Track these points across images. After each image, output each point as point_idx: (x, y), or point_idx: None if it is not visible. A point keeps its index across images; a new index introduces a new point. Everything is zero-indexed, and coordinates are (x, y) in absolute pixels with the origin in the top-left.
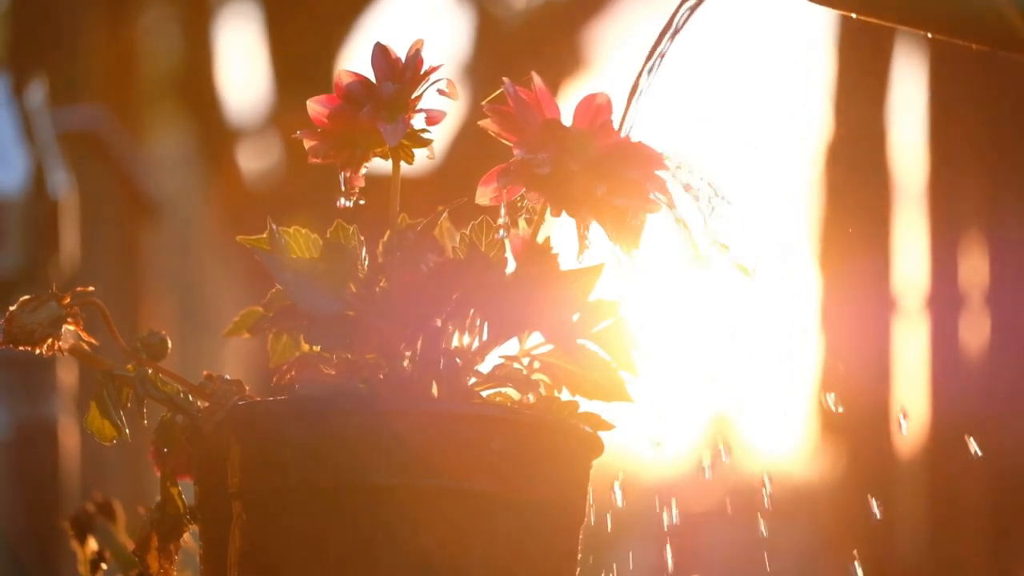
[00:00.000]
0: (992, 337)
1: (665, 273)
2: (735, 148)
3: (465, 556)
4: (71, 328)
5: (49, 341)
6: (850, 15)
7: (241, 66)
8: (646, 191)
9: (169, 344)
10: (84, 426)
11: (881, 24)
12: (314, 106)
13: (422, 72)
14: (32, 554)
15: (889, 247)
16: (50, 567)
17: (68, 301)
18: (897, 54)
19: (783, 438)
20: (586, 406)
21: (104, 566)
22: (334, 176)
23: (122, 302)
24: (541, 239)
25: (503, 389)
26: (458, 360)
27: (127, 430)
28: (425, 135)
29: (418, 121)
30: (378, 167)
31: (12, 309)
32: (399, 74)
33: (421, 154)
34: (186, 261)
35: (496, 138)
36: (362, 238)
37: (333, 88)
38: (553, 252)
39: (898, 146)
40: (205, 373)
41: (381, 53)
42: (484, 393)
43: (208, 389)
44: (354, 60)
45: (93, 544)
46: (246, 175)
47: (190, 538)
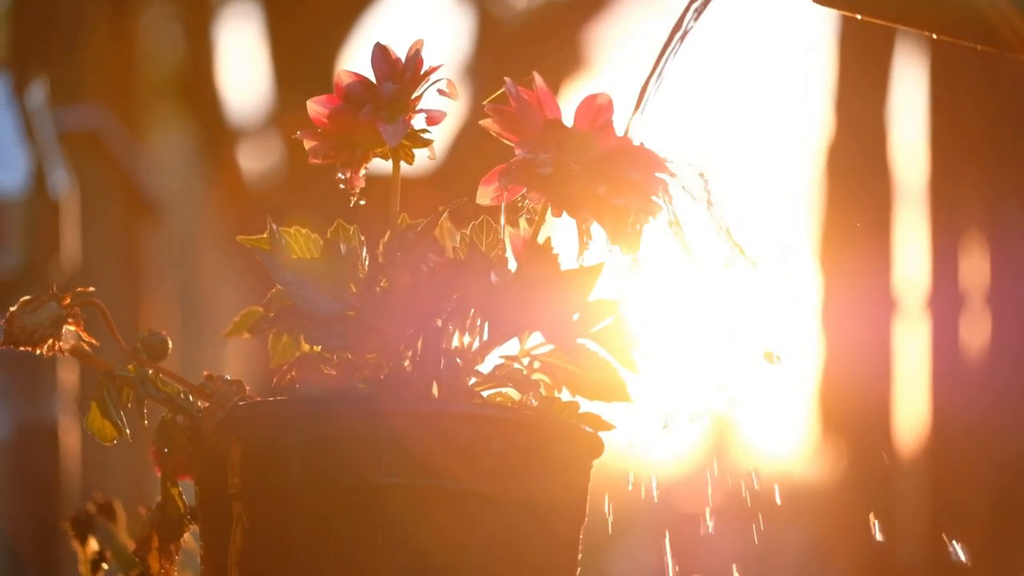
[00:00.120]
0: (992, 337)
1: (665, 273)
2: (736, 148)
3: (465, 556)
4: (71, 328)
5: (50, 342)
6: (852, 15)
7: (242, 66)
8: (647, 192)
9: (169, 344)
10: (85, 426)
11: (881, 24)
12: (314, 106)
13: (422, 72)
14: (32, 554)
15: (889, 247)
16: (50, 567)
17: (68, 301)
18: (897, 54)
19: (783, 438)
20: (586, 406)
21: (105, 566)
22: (334, 176)
23: (122, 302)
24: (542, 239)
25: (503, 389)
26: (458, 360)
27: (127, 430)
28: (425, 135)
29: (418, 121)
30: (378, 167)
31: (12, 310)
32: (399, 74)
33: (421, 154)
34: (187, 261)
35: (497, 138)
36: (362, 238)
37: (333, 88)
38: (553, 252)
39: (898, 146)
40: (205, 373)
41: (381, 53)
42: (484, 393)
43: (208, 389)
44: (354, 60)
45: (94, 544)
46: (247, 175)
47: (190, 538)
